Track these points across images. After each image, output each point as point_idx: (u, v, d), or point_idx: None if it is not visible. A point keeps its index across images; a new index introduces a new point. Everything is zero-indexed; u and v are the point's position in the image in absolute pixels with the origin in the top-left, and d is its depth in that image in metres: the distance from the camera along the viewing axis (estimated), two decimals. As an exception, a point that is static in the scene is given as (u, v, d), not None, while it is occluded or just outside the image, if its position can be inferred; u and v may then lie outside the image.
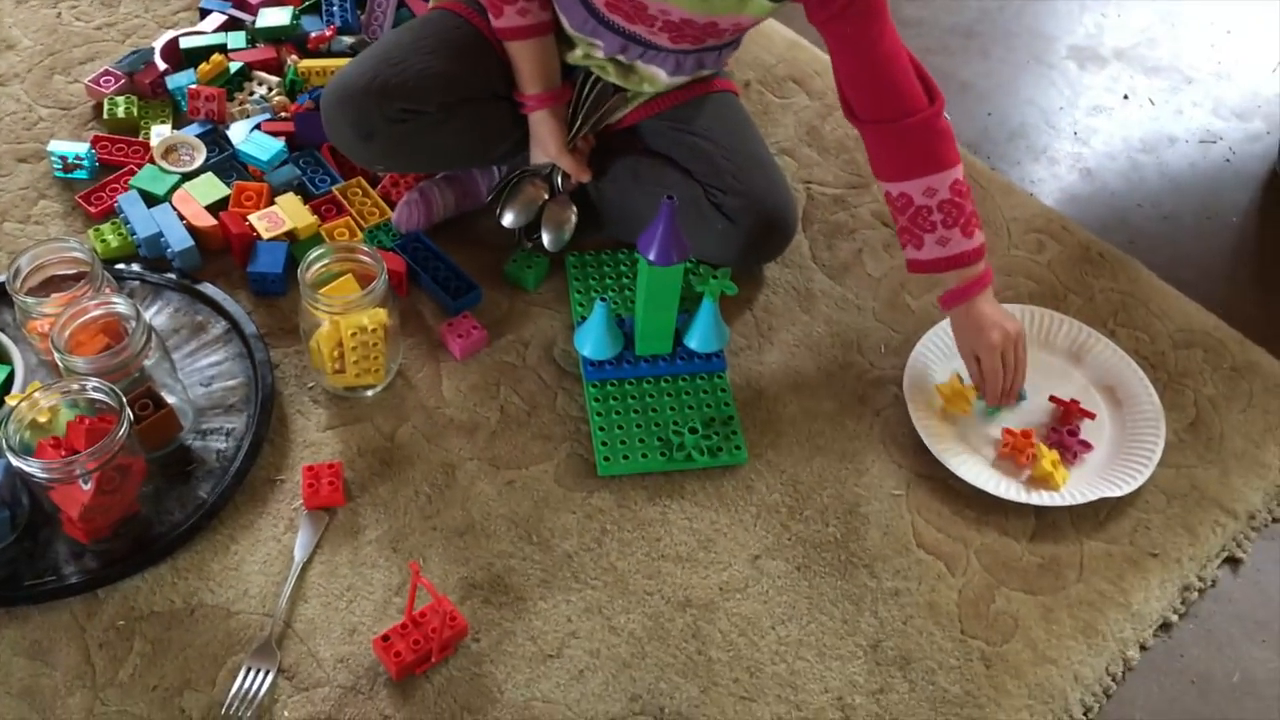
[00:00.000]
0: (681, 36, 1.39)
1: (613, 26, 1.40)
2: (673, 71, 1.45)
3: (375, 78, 1.39)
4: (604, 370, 1.42)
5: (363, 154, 1.47)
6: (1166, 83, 1.93)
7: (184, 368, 1.37)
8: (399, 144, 1.43)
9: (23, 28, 1.78)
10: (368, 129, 1.41)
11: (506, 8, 1.40)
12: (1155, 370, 1.47)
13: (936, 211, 1.32)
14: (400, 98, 1.39)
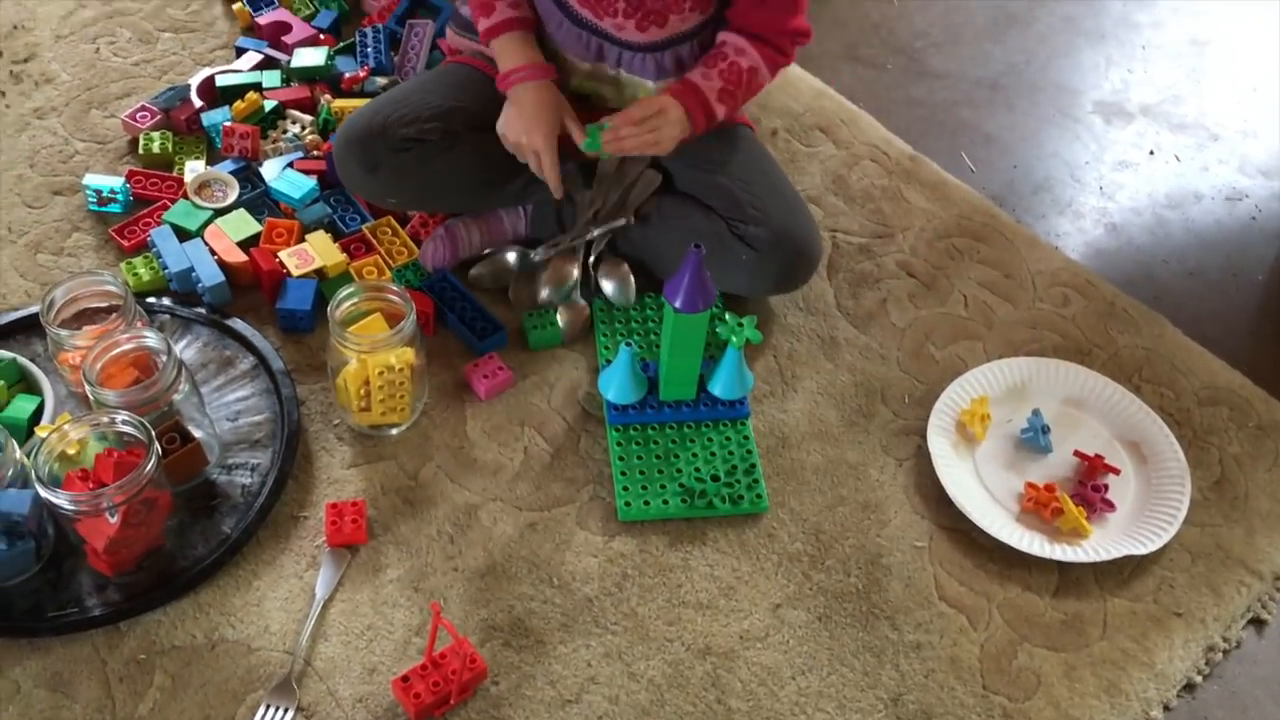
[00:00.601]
0: (645, 18, 1.42)
1: (582, 23, 1.45)
2: (655, 75, 1.48)
3: (378, 114, 1.46)
4: (627, 415, 1.42)
5: (371, 188, 1.51)
6: (1192, 139, 1.94)
7: (211, 402, 1.38)
8: (404, 174, 1.46)
9: (61, 62, 1.81)
10: (373, 161, 1.45)
11: (499, 4, 1.45)
12: (1180, 427, 1.47)
13: (725, 65, 1.44)
14: (402, 126, 1.44)
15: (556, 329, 1.50)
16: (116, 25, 1.88)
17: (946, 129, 1.92)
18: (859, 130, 1.85)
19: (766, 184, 1.50)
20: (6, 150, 1.67)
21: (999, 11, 2.16)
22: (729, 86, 1.44)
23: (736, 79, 1.44)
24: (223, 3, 1.93)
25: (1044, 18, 2.15)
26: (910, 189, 1.76)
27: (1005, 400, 1.48)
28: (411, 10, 1.91)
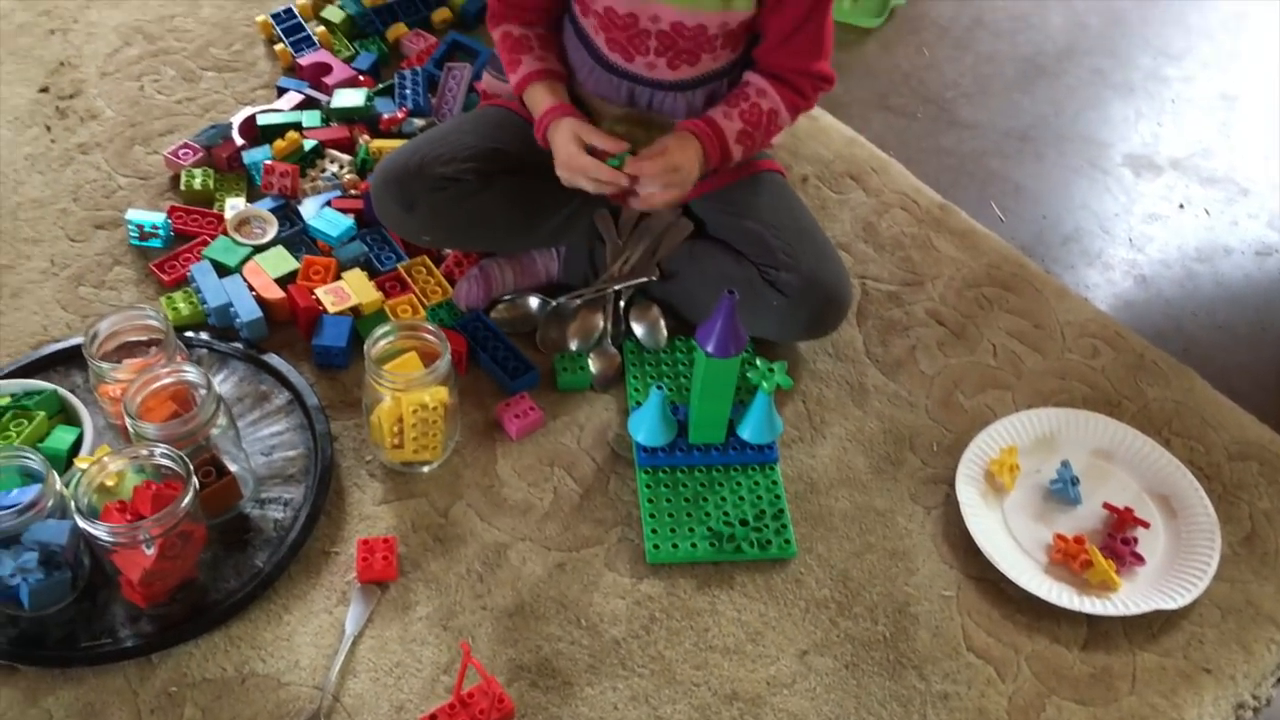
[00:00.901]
0: (677, 57, 1.44)
1: (614, 68, 1.47)
2: (686, 113, 1.49)
3: (415, 154, 1.49)
4: (657, 457, 1.43)
5: (407, 226, 1.53)
6: (1222, 193, 1.94)
7: (246, 436, 1.40)
8: (439, 212, 1.48)
9: (107, 99, 1.85)
10: (409, 200, 1.47)
11: (525, 57, 1.48)
12: (1210, 481, 1.47)
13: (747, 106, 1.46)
14: (439, 165, 1.46)
15: (587, 373, 1.51)
16: (161, 63, 1.91)
17: (976, 178, 1.94)
18: (889, 178, 1.86)
19: (797, 229, 1.52)
20: (51, 184, 1.70)
21: (1028, 64, 2.18)
22: (748, 128, 1.46)
23: (756, 120, 1.46)
24: (265, 43, 1.97)
25: (1073, 70, 2.17)
26: (940, 237, 1.77)
27: (1034, 451, 1.48)
28: (449, 54, 1.94)
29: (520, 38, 1.48)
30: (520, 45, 1.48)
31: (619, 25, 1.41)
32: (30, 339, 1.50)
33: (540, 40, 1.49)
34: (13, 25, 1.95)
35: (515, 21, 1.50)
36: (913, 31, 2.23)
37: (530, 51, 1.48)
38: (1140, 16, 2.31)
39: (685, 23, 1.39)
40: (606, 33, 1.43)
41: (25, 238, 1.63)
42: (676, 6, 1.38)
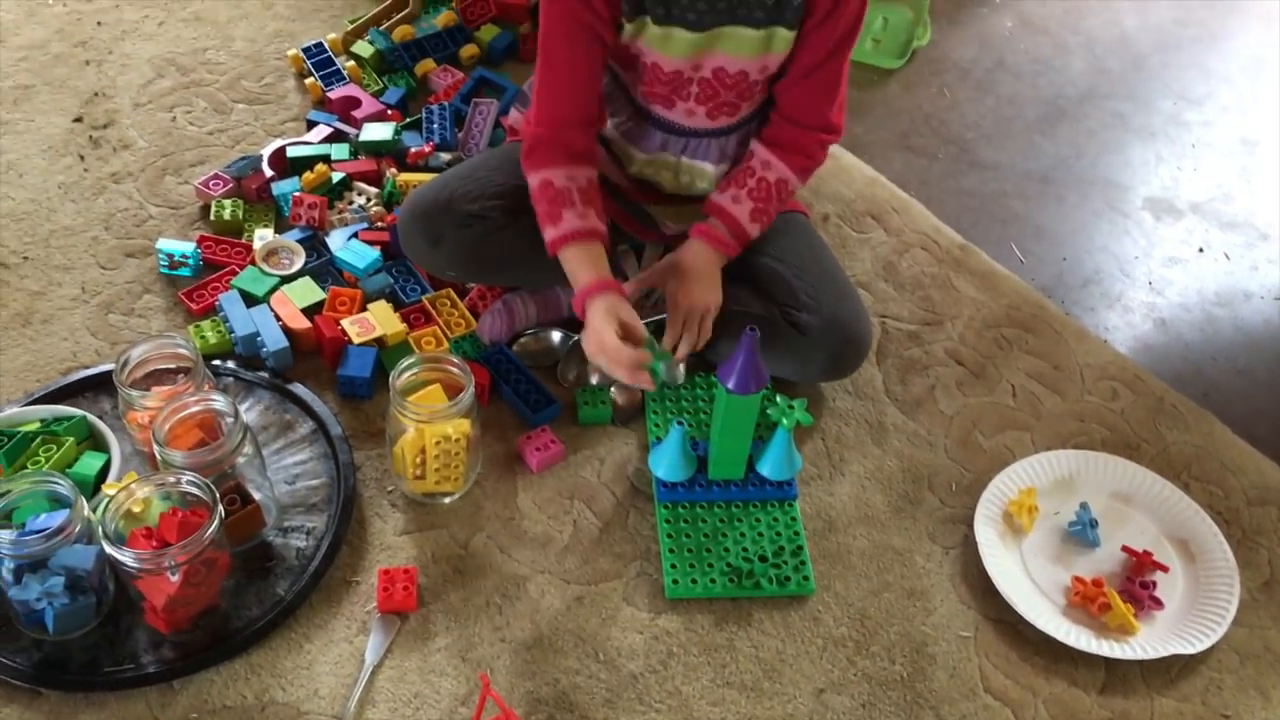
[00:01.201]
0: (718, 107, 1.45)
1: (651, 117, 1.48)
2: (718, 159, 1.51)
3: (444, 190, 1.50)
4: (676, 492, 1.44)
5: (432, 260, 1.55)
6: (1242, 238, 1.95)
7: (270, 464, 1.41)
8: (465, 249, 1.50)
9: (139, 129, 1.88)
10: (436, 235, 1.49)
11: (565, 212, 1.42)
12: (1229, 526, 1.47)
13: (754, 182, 1.47)
14: (467, 202, 1.48)
15: (607, 408, 1.52)
16: (193, 95, 1.95)
17: (996, 219, 1.95)
18: (910, 218, 1.88)
19: (820, 271, 1.53)
20: (83, 213, 1.73)
21: (1049, 106, 2.20)
22: (760, 204, 1.48)
23: (767, 195, 1.48)
24: (295, 77, 2.00)
25: (1094, 114, 2.18)
26: (960, 278, 1.78)
27: (1053, 492, 1.48)
28: (476, 89, 1.97)
29: (562, 189, 1.42)
30: (561, 198, 1.42)
31: (663, 80, 1.43)
32: (60, 365, 1.52)
33: (582, 192, 1.43)
34: (49, 56, 1.99)
35: (559, 164, 1.43)
36: (934, 73, 2.25)
37: (572, 206, 1.42)
38: (1161, 61, 2.32)
39: (728, 70, 1.41)
40: (648, 85, 1.45)
41: (57, 265, 1.65)
42: (725, 54, 1.39)
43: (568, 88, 1.42)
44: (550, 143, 1.44)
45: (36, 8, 2.08)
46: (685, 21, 1.35)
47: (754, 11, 1.35)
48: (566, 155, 1.44)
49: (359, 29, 2.06)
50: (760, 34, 1.37)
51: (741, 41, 1.37)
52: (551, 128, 1.43)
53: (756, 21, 1.36)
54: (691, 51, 1.39)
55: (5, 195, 1.74)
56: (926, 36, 2.30)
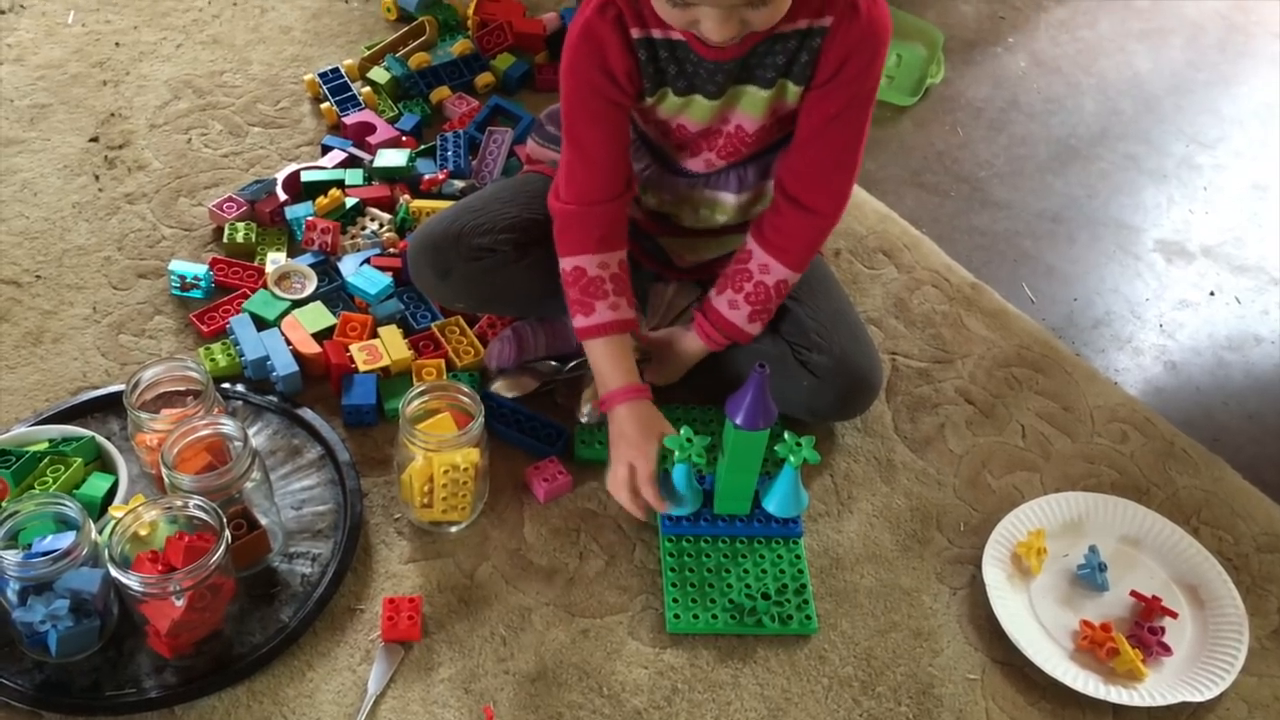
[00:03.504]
0: (733, 155, 1.45)
1: (671, 167, 1.49)
2: (738, 188, 1.50)
3: (454, 222, 1.50)
4: (681, 526, 1.43)
5: (441, 292, 1.55)
6: (1253, 282, 1.95)
7: (277, 489, 1.41)
8: (474, 281, 1.50)
9: (155, 150, 1.88)
10: (445, 267, 1.49)
11: (598, 304, 1.42)
12: (1238, 572, 1.46)
13: (751, 287, 1.46)
14: (477, 236, 1.47)
15: (605, 448, 1.50)
16: (209, 118, 1.96)
17: (1008, 258, 1.95)
18: (921, 255, 1.88)
19: (831, 310, 1.53)
20: (97, 232, 1.73)
21: (1061, 146, 2.20)
22: (758, 307, 1.47)
23: (765, 297, 1.46)
24: (311, 102, 2.01)
25: (1106, 155, 2.19)
26: (970, 316, 1.78)
27: (1062, 534, 1.47)
28: (491, 118, 1.98)
29: (595, 279, 1.42)
30: (594, 288, 1.42)
31: (689, 137, 1.43)
32: (70, 384, 1.52)
33: (614, 280, 1.43)
34: (66, 76, 2.00)
35: (591, 250, 1.43)
36: (947, 111, 2.26)
37: (605, 298, 1.42)
38: (1174, 104, 2.33)
39: (747, 128, 1.41)
40: (673, 140, 1.45)
41: (69, 284, 1.66)
42: (745, 112, 1.39)
43: (596, 166, 1.41)
44: (581, 222, 1.42)
45: (55, 28, 2.09)
46: (706, 91, 1.36)
47: (767, 71, 1.35)
48: (598, 239, 1.42)
49: (375, 55, 2.07)
50: (771, 92, 1.37)
51: (757, 102, 1.38)
52: (582, 205, 1.42)
53: (768, 81, 1.36)
54: (712, 115, 1.40)
55: (20, 214, 1.75)
56: (940, 75, 2.31)
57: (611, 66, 1.34)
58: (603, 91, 1.36)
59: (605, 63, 1.34)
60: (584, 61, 1.34)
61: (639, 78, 1.36)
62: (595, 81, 1.35)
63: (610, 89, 1.35)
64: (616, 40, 1.32)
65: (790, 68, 1.35)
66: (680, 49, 1.34)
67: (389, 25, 2.20)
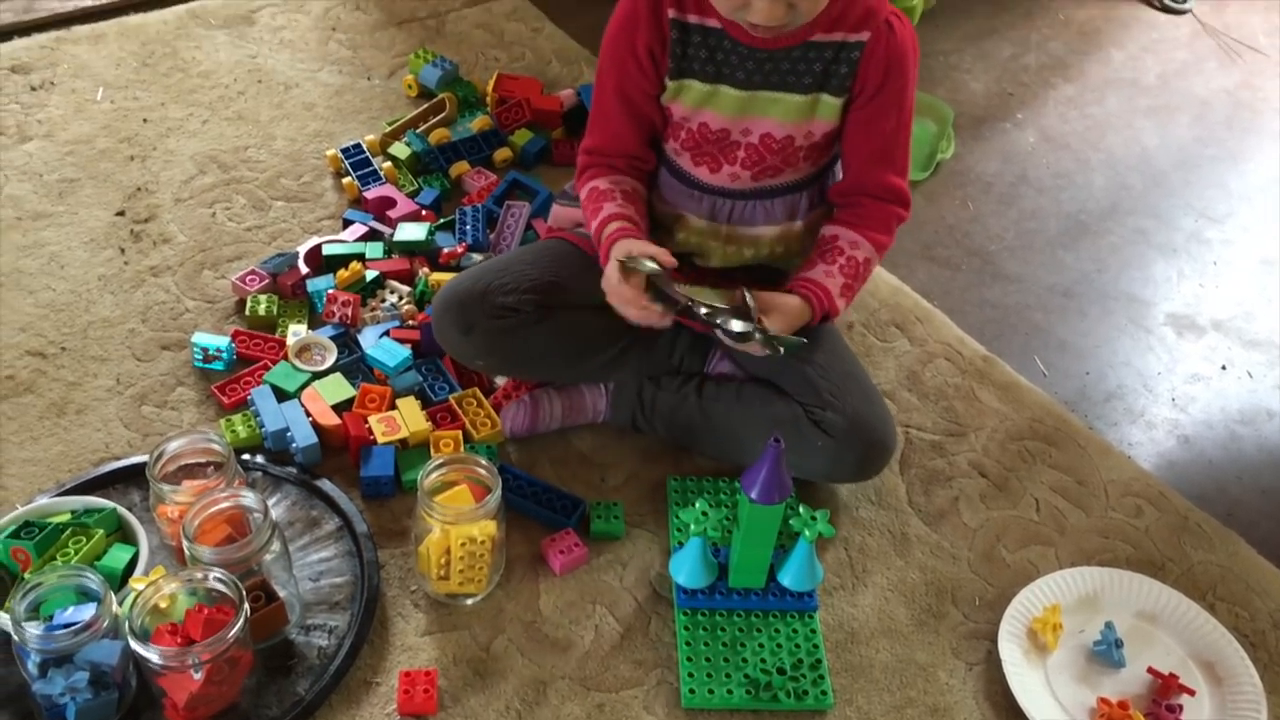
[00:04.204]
0: (762, 171, 1.49)
1: (698, 184, 1.53)
2: (765, 220, 1.54)
3: (479, 280, 1.53)
4: (696, 599, 1.43)
5: (463, 349, 1.56)
6: (1265, 357, 1.96)
7: (295, 561, 1.41)
8: (496, 339, 1.52)
9: (180, 224, 1.92)
10: (468, 324, 1.52)
11: (605, 204, 1.50)
12: (1255, 649, 1.45)
13: (844, 260, 1.50)
14: (501, 295, 1.50)
15: (620, 522, 1.52)
16: (233, 192, 1.99)
17: (1019, 332, 1.97)
18: (933, 328, 1.90)
19: (844, 372, 1.55)
20: (121, 305, 1.76)
21: (1071, 221, 2.23)
22: (849, 281, 1.50)
23: (855, 272, 1.51)
24: (333, 176, 2.05)
25: (1116, 229, 2.21)
26: (983, 389, 1.79)
27: (1077, 610, 1.47)
28: (509, 192, 2.02)
29: (606, 190, 1.52)
30: (605, 195, 1.51)
31: (711, 139, 1.48)
32: (92, 455, 1.54)
33: (625, 195, 1.52)
34: (95, 150, 2.04)
35: (606, 174, 1.54)
36: (958, 185, 2.29)
37: (613, 200, 1.51)
38: (1182, 179, 2.36)
39: (775, 135, 1.46)
40: (695, 150, 1.50)
41: (94, 356, 1.68)
42: (771, 118, 1.44)
43: (615, 134, 1.53)
44: (598, 163, 1.55)
45: (85, 104, 2.15)
46: (734, 80, 1.42)
47: (802, 78, 1.41)
48: (613, 170, 1.54)
49: (397, 131, 2.12)
50: (805, 99, 1.43)
51: (788, 107, 1.44)
52: (599, 156, 1.54)
53: (803, 88, 1.43)
54: (738, 110, 1.45)
55: (47, 286, 1.78)
56: (950, 150, 2.34)
57: (638, 44, 1.43)
58: (630, 73, 1.46)
59: (635, 43, 1.44)
60: (617, 39, 1.47)
61: (664, 57, 1.42)
62: (625, 62, 1.45)
63: (636, 72, 1.45)
64: (649, 18, 1.43)
65: (827, 79, 1.42)
66: (714, 36, 1.41)
67: (410, 102, 2.25)
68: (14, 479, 1.51)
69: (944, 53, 2.67)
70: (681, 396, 1.60)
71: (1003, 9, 2.86)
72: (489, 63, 2.38)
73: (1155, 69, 2.70)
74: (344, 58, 2.34)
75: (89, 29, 2.32)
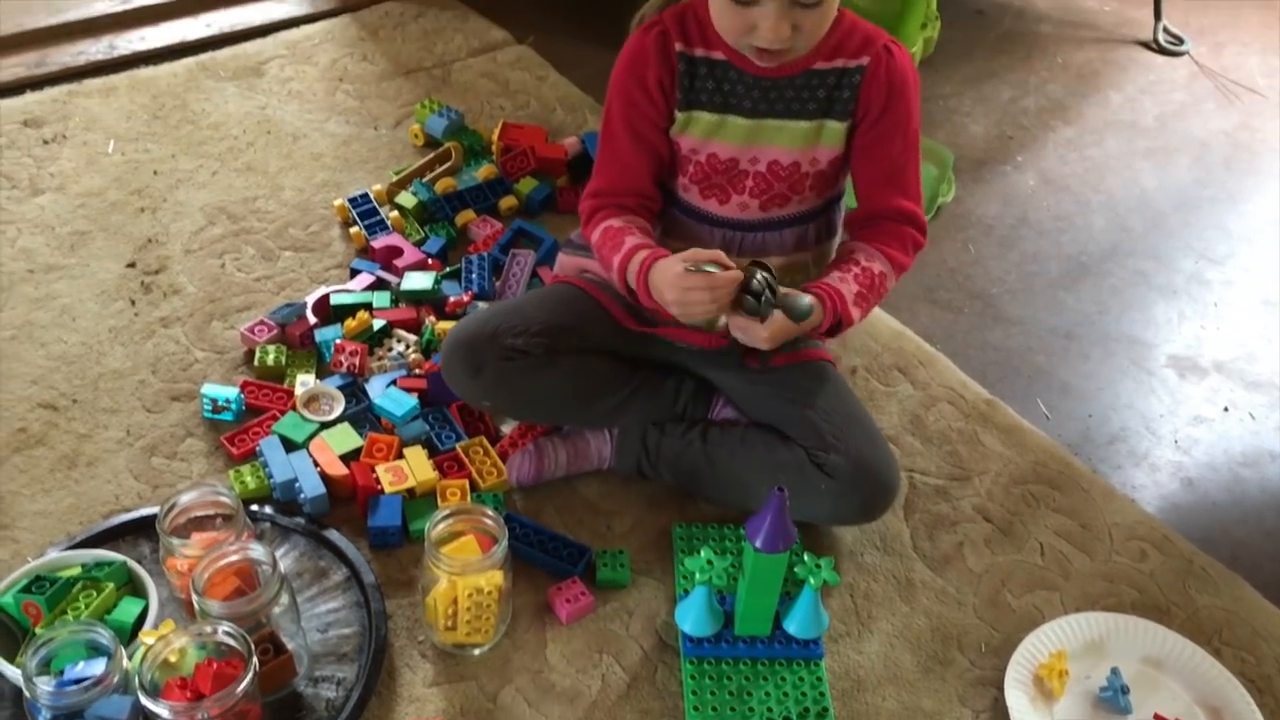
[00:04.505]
0: (770, 200, 1.51)
1: (707, 217, 1.55)
2: (776, 250, 1.55)
3: (488, 322, 1.55)
4: (703, 648, 1.44)
5: (471, 390, 1.58)
6: (1266, 398, 1.97)
7: (304, 612, 1.42)
8: (504, 380, 1.54)
9: (189, 275, 1.94)
10: (477, 364, 1.53)
11: (626, 238, 1.50)
12: (1262, 694, 1.45)
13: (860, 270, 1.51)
14: (511, 336, 1.52)
15: (626, 570, 1.53)
16: (242, 242, 2.02)
17: (1022, 374, 1.98)
18: (936, 372, 1.91)
19: (846, 414, 1.56)
20: (132, 356, 1.78)
21: (1072, 263, 2.24)
22: (863, 290, 1.50)
23: (870, 283, 1.51)
24: (341, 225, 2.07)
25: (1116, 271, 2.23)
26: (986, 433, 1.80)
27: (1083, 656, 1.47)
28: (514, 240, 2.04)
29: (621, 227, 1.52)
30: (622, 231, 1.51)
31: (720, 170, 1.50)
32: (102, 507, 1.56)
33: (641, 230, 1.53)
34: (106, 203, 2.07)
35: (616, 215, 1.54)
36: (959, 228, 2.31)
37: (632, 234, 1.51)
38: (1181, 220, 2.38)
39: (782, 161, 1.49)
40: (703, 183, 1.52)
41: (104, 408, 1.70)
42: (778, 145, 1.48)
43: (626, 175, 1.55)
44: (607, 205, 1.55)
45: (96, 156, 2.18)
46: (741, 110, 1.45)
47: (805, 105, 1.45)
48: (623, 210, 1.54)
49: (403, 180, 2.14)
50: (810, 125, 1.47)
51: (793, 134, 1.47)
52: (609, 197, 1.55)
53: (808, 114, 1.47)
54: (746, 139, 1.48)
55: (59, 338, 1.80)
56: (951, 193, 2.37)
57: (648, 78, 1.47)
58: (639, 106, 1.48)
59: (644, 77, 1.47)
60: (626, 74, 1.50)
61: (673, 89, 1.46)
62: (634, 95, 1.48)
63: (646, 105, 1.48)
64: (657, 53, 1.46)
65: (831, 105, 1.46)
66: (720, 67, 1.45)
67: (416, 151, 2.28)
68: (25, 531, 1.52)
69: (943, 96, 2.69)
70: (686, 442, 1.61)
71: (1001, 52, 2.89)
72: (494, 111, 2.41)
73: (1154, 111, 2.73)
74: (351, 108, 2.38)
75: (100, 82, 2.36)
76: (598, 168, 1.58)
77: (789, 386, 1.58)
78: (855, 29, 1.46)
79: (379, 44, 2.58)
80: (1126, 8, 3.11)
